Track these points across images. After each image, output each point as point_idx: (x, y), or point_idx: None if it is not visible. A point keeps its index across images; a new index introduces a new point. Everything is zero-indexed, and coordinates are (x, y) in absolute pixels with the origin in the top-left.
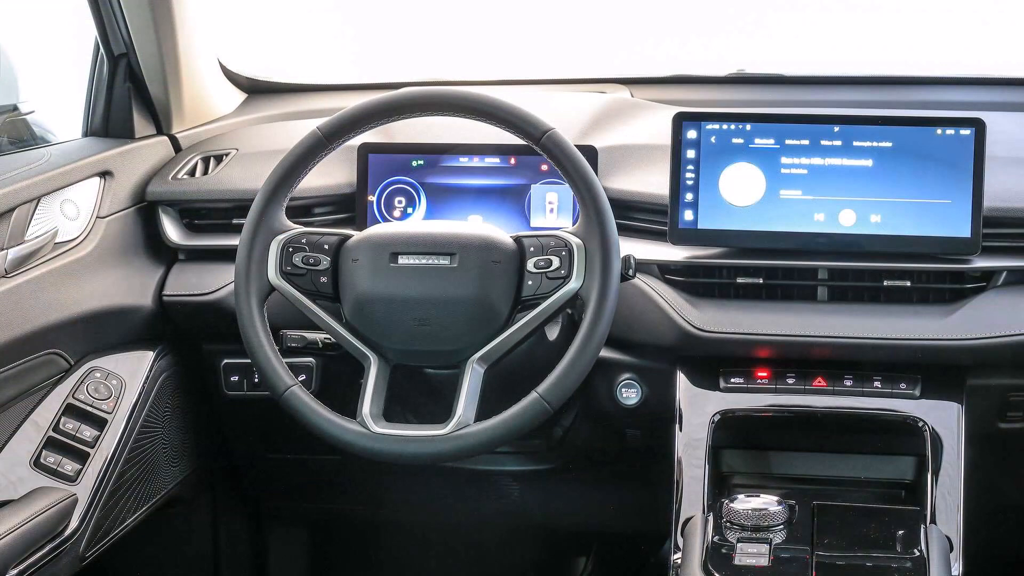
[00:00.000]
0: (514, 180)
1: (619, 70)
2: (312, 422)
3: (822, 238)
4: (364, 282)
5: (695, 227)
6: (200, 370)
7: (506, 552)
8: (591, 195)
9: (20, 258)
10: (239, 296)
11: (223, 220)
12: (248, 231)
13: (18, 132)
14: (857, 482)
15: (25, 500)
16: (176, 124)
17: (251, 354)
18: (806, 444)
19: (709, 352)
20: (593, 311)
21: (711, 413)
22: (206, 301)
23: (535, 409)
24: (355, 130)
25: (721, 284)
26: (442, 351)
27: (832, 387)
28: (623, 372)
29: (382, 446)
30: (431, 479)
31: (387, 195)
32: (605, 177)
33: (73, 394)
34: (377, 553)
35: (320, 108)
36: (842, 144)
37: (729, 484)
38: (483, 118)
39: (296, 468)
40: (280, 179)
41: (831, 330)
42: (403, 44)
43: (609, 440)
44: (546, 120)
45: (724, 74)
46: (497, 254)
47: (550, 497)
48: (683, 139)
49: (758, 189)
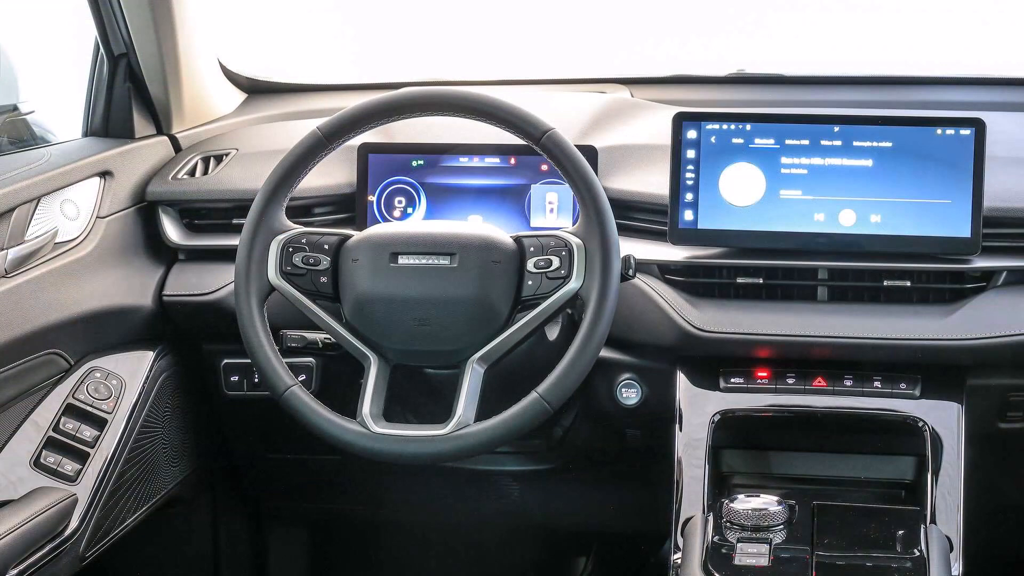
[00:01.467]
0: (514, 180)
1: (619, 70)
2: (312, 422)
3: (822, 238)
4: (364, 282)
5: (695, 227)
6: (200, 370)
7: (506, 552)
8: (591, 195)
9: (20, 258)
10: (239, 296)
11: (223, 220)
12: (248, 231)
13: (18, 132)
14: (857, 482)
15: (25, 500)
16: (176, 124)
17: (251, 354)
18: (806, 444)
19: (709, 352)
20: (593, 311)
21: (711, 413)
22: (206, 301)
23: (535, 409)
24: (355, 130)
25: (721, 284)
26: (442, 351)
27: (832, 387)
28: (623, 372)
29: (382, 446)
30: (431, 479)
31: (387, 195)
32: (605, 177)
33: (73, 394)
34: (377, 553)
35: (320, 108)
36: (842, 144)
37: (729, 484)
38: (483, 118)
39: (296, 468)
40: (280, 179)
41: (831, 330)
42: (403, 44)
43: (609, 440)
44: (546, 120)
45: (724, 74)
46: (497, 254)
47: (550, 497)
48: (683, 139)
49: (758, 189)
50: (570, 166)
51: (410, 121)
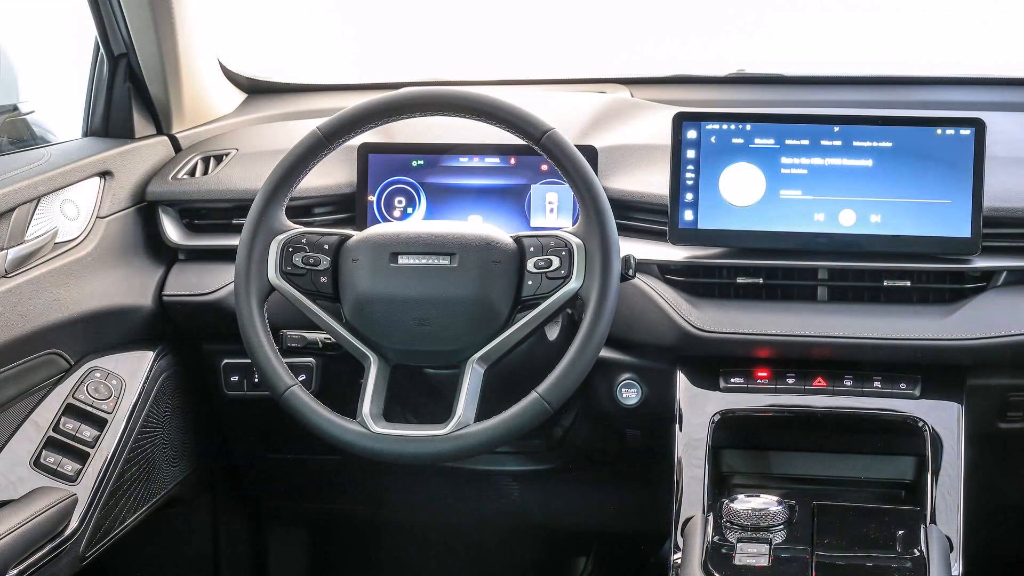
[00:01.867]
0: (514, 180)
1: (619, 70)
2: (312, 422)
3: (822, 238)
4: (364, 282)
5: (695, 227)
6: (200, 370)
7: (506, 552)
8: (591, 195)
9: (20, 258)
10: (239, 296)
11: (223, 220)
12: (248, 231)
13: (18, 132)
14: (857, 482)
15: (25, 500)
16: (176, 124)
17: (251, 354)
18: (806, 444)
19: (709, 352)
20: (593, 311)
21: (711, 413)
22: (206, 301)
23: (535, 409)
24: (355, 130)
25: (721, 284)
26: (442, 351)
27: (832, 387)
28: (623, 372)
29: (382, 446)
30: (431, 479)
31: (387, 195)
32: (605, 177)
33: (73, 394)
34: (377, 553)
35: (320, 108)
36: (842, 144)
37: (729, 484)
38: (483, 118)
39: (296, 468)
40: (280, 179)
41: (831, 330)
42: (403, 44)
43: (609, 440)
44: (546, 120)
45: (724, 74)
46: (497, 254)
47: (550, 497)
48: (683, 139)
49: (758, 189)
50: (570, 166)
51: (410, 121)
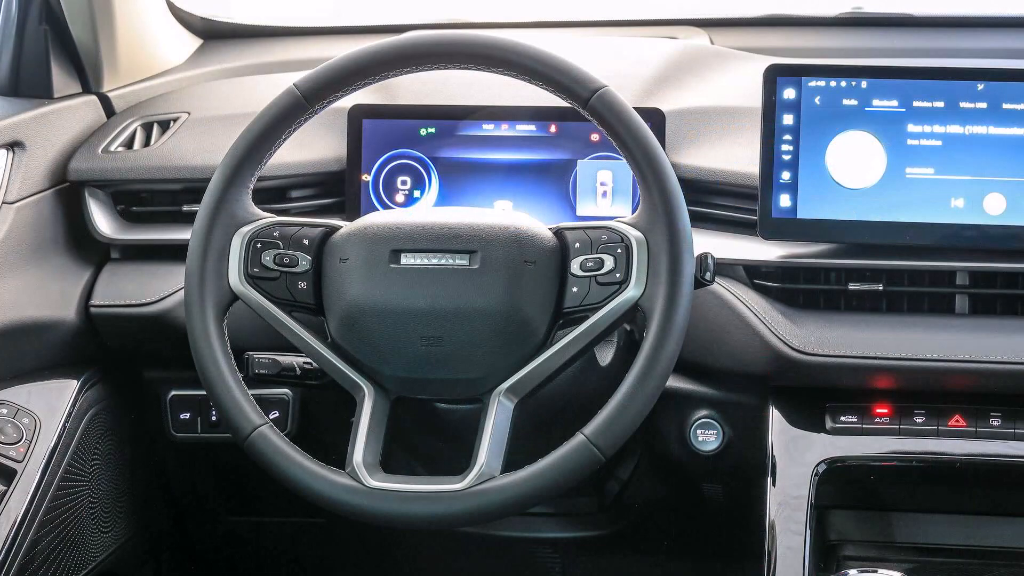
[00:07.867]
0: (555, 154)
1: (695, 9)
2: (287, 473)
3: (963, 230)
4: (356, 288)
5: (794, 216)
6: (140, 405)
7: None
8: (655, 174)
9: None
10: (191, 307)
11: (170, 207)
12: (203, 221)
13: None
14: (1009, 554)
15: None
16: (108, 79)
17: (206, 384)
18: (939, 503)
19: (812, 381)
20: (658, 328)
21: (814, 462)
22: (147, 314)
23: (582, 457)
24: (344, 88)
25: (828, 292)
26: (459, 379)
27: (974, 428)
28: (698, 408)
29: (380, 505)
30: (445, 550)
31: (387, 174)
32: (675, 150)
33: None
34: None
35: (297, 59)
36: (988, 107)
37: (838, 556)
38: (513, 72)
39: (267, 534)
40: (245, 152)
41: (972, 353)
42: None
43: (680, 498)
44: (597, 75)
45: (833, 14)
46: (531, 252)
47: (602, 574)
48: (778, 100)
49: (877, 166)
50: (628, 136)
51: (418, 77)
